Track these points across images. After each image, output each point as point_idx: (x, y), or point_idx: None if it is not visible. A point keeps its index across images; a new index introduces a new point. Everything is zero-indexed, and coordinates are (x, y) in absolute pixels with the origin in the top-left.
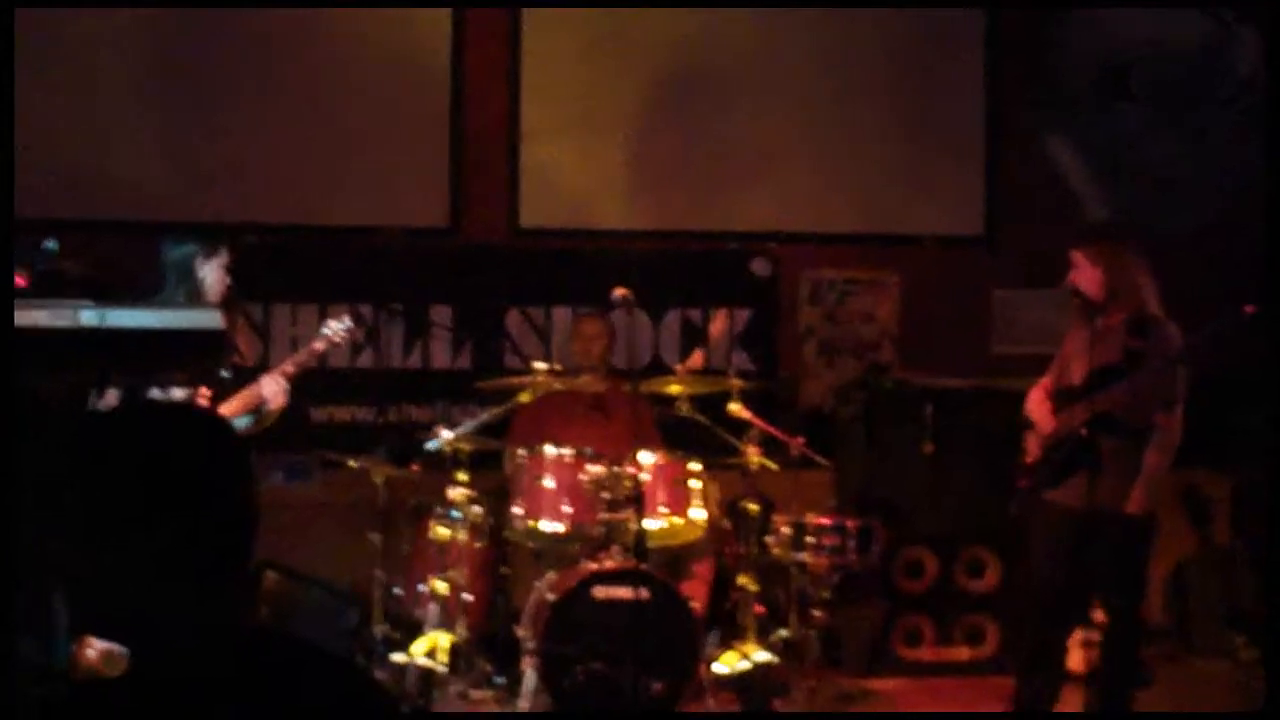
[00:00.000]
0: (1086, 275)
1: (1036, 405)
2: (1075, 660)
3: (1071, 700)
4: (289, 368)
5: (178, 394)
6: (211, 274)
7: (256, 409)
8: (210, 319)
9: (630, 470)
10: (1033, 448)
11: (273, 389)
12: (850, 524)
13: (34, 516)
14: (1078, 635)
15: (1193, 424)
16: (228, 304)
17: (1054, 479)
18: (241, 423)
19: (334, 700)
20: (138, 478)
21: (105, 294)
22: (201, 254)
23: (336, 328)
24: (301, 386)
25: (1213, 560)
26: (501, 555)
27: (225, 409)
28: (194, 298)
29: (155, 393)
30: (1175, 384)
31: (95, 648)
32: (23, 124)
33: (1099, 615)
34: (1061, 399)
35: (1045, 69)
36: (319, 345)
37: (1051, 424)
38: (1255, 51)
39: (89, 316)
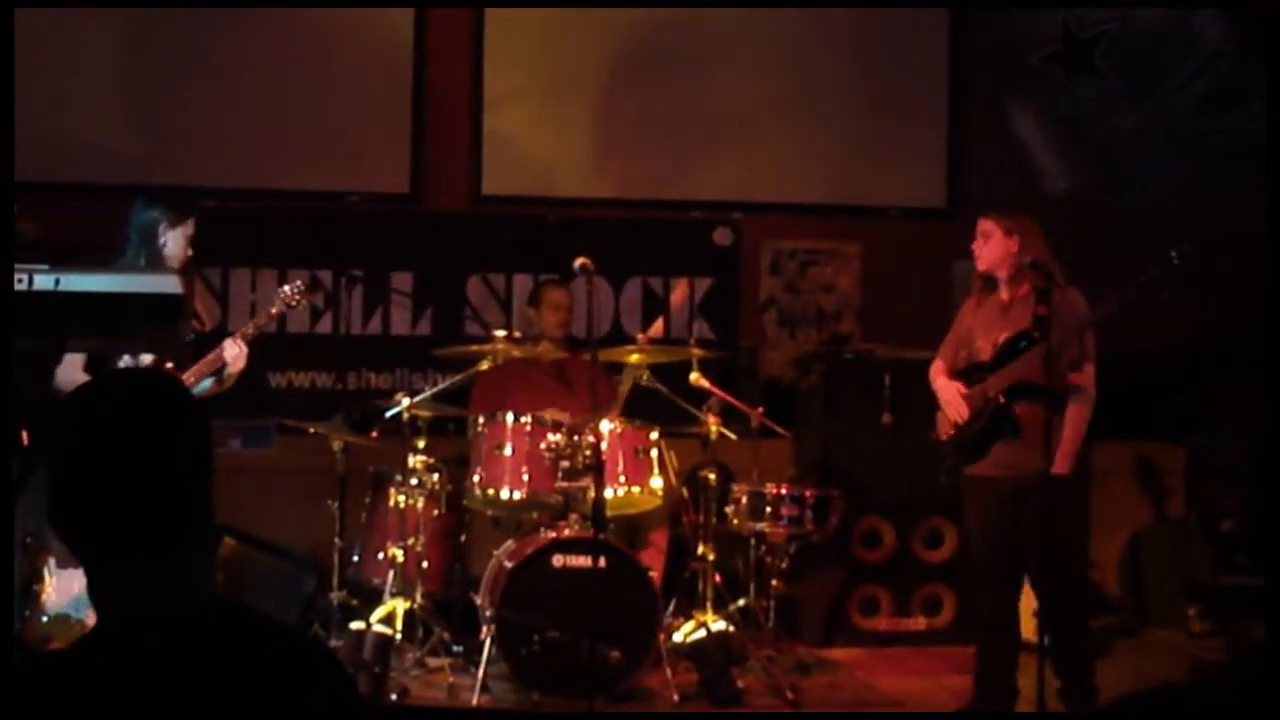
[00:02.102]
0: (997, 245)
1: (944, 385)
2: (1028, 629)
3: (1027, 667)
4: (248, 330)
5: (146, 359)
6: (174, 242)
7: (218, 372)
8: (168, 283)
9: (589, 439)
10: (945, 426)
11: (234, 352)
12: (809, 494)
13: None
14: (1030, 604)
15: (1148, 397)
16: (185, 270)
17: (975, 453)
18: (203, 386)
19: (285, 671)
20: (102, 444)
21: (62, 257)
22: (166, 221)
23: (290, 290)
24: (261, 352)
25: (1168, 533)
26: (460, 523)
27: (189, 374)
28: (155, 264)
29: (127, 360)
30: (1084, 345)
31: (49, 613)
32: None
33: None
34: (972, 373)
35: (1008, 43)
36: (275, 309)
37: (961, 402)
38: (1217, 28)
39: (44, 280)
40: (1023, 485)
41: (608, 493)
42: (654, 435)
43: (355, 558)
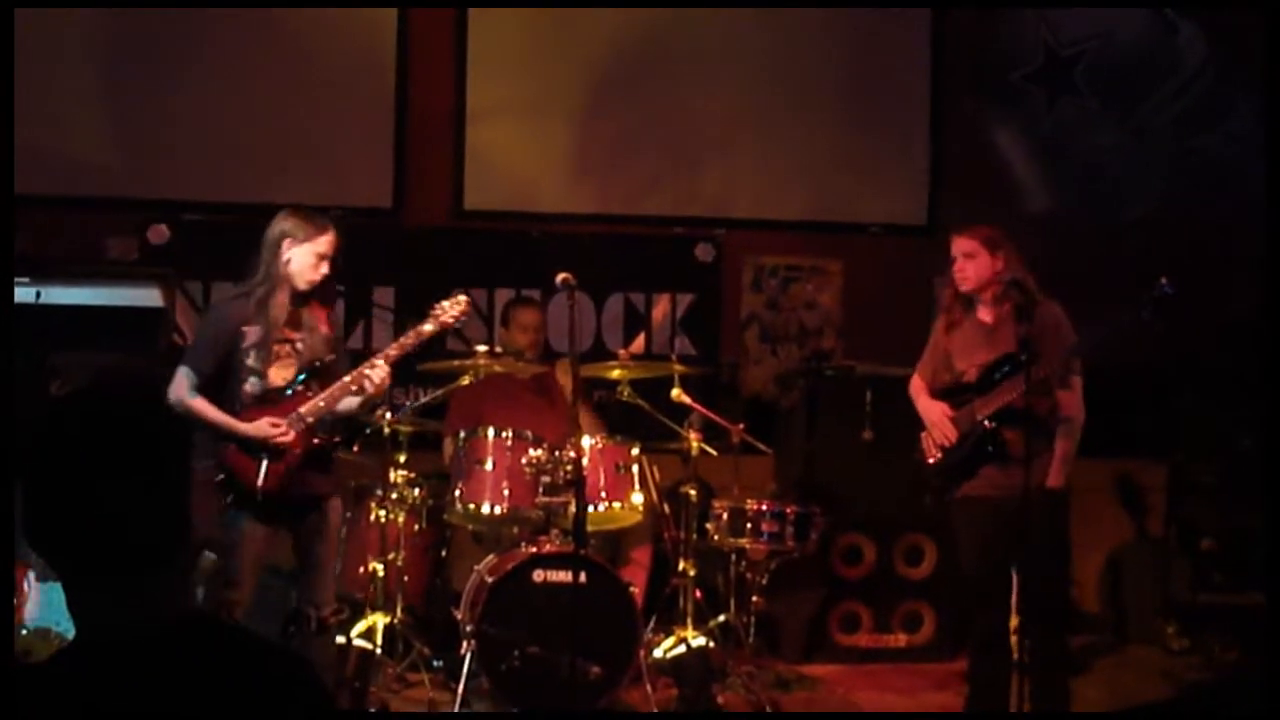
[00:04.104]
0: (984, 264)
1: (929, 406)
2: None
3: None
4: (392, 351)
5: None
6: (299, 258)
7: (359, 392)
8: (147, 296)
9: (570, 454)
10: (930, 449)
11: (381, 375)
12: (789, 510)
13: None
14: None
15: (1128, 415)
16: (317, 294)
17: (964, 475)
18: (348, 404)
19: (264, 686)
20: (81, 459)
21: (44, 270)
22: (292, 236)
23: (448, 308)
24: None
25: (1147, 550)
26: (441, 537)
27: (325, 395)
28: (276, 281)
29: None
30: (1072, 362)
31: (28, 626)
32: None
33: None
34: (957, 394)
35: (990, 61)
36: (428, 327)
37: (949, 425)
38: (1197, 47)
39: (24, 294)
40: (1013, 503)
41: (589, 508)
42: (635, 451)
43: (336, 572)
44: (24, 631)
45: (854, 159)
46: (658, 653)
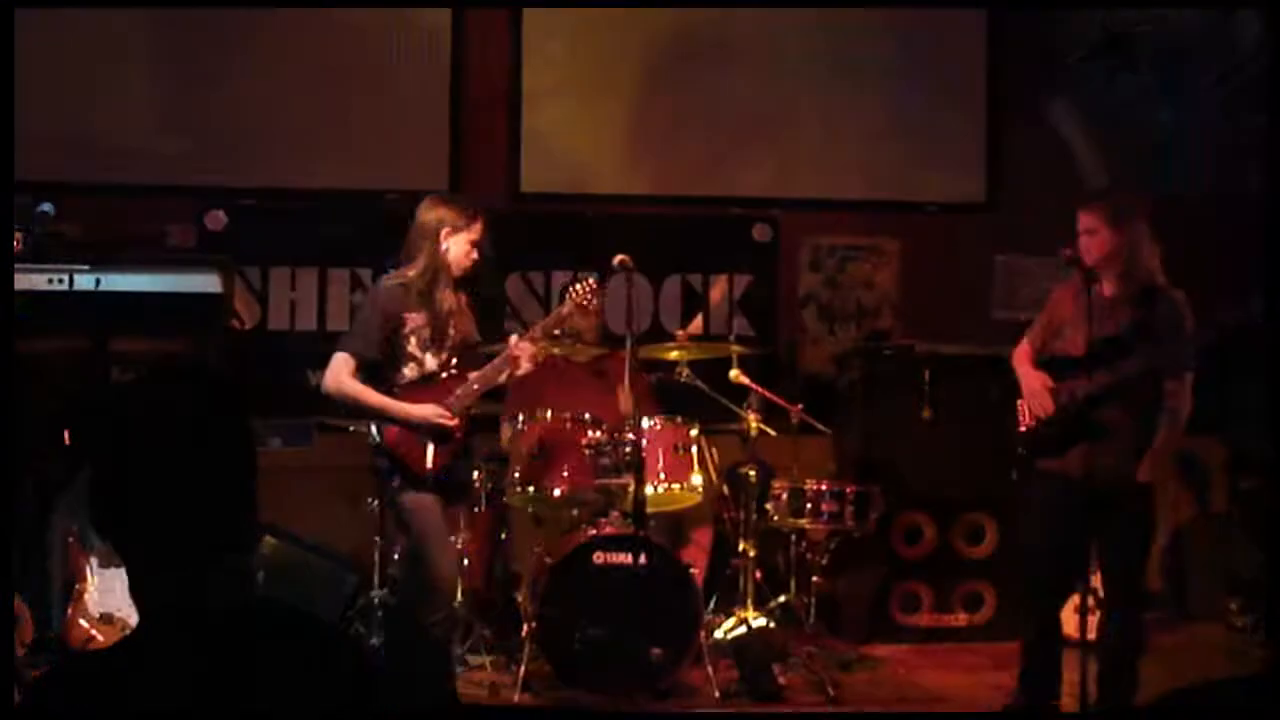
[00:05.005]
0: (1104, 238)
1: (1029, 375)
2: (1070, 626)
3: (1068, 664)
4: (535, 332)
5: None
6: (456, 246)
7: (511, 373)
8: (208, 282)
9: (630, 436)
10: (1025, 416)
11: (529, 352)
12: (849, 490)
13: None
14: (1073, 600)
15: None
16: (470, 280)
17: (1055, 449)
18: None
19: (325, 671)
20: (149, 445)
21: (104, 257)
22: (450, 226)
23: (581, 289)
24: (298, 350)
25: (1210, 527)
26: (501, 520)
27: (477, 376)
28: (436, 270)
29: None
30: (1186, 354)
31: (89, 614)
32: (22, 86)
33: (1096, 582)
34: (1062, 368)
35: (1047, 37)
36: (565, 310)
37: (1047, 396)
38: (1257, 24)
39: (85, 280)
40: (1099, 488)
41: (648, 489)
42: (694, 432)
43: (396, 555)
44: (86, 618)
45: (911, 137)
46: (718, 634)
